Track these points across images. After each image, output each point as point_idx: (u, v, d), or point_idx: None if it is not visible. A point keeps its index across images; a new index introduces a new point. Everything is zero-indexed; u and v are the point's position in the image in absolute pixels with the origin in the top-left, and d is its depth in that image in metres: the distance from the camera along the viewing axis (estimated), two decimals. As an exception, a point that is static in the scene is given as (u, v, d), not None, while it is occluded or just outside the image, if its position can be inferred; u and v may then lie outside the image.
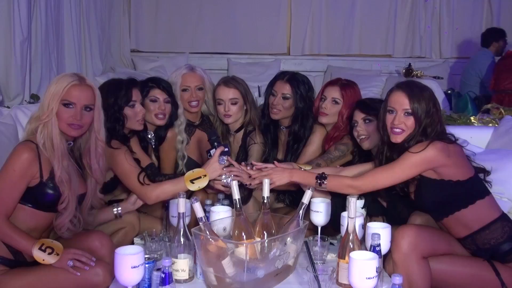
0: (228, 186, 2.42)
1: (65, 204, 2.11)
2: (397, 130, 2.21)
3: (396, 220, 2.33)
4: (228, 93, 2.93)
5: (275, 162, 2.48)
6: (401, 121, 2.20)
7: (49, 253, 2.03)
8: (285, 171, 2.39)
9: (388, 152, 2.29)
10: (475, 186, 2.21)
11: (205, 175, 2.41)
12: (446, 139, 2.18)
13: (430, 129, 2.18)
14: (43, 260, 2.03)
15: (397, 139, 2.22)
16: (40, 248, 2.03)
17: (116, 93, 2.54)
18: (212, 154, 2.48)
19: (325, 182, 2.28)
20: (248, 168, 2.45)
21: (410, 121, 2.19)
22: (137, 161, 2.55)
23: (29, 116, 2.24)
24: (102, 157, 2.27)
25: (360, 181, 2.24)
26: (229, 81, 2.99)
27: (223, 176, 2.45)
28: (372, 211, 2.41)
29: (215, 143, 2.51)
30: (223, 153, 2.45)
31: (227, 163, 2.45)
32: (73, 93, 2.09)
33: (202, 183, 2.40)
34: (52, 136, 2.08)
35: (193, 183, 2.39)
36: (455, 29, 6.70)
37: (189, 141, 2.92)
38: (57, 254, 2.04)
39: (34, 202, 2.10)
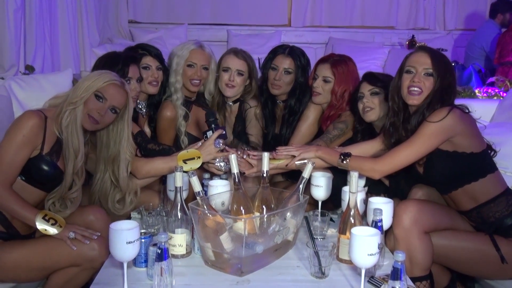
0: (221, 170, 2.43)
1: (76, 194, 2.17)
2: (415, 90, 2.17)
3: (398, 198, 2.29)
4: (237, 63, 2.89)
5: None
6: (421, 80, 2.16)
7: (52, 224, 2.01)
8: (311, 146, 2.42)
9: (402, 121, 2.24)
10: (487, 160, 2.19)
11: (199, 157, 2.38)
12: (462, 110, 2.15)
13: (447, 96, 2.14)
14: (45, 230, 2.01)
15: (414, 100, 2.18)
16: (43, 218, 2.01)
17: (112, 67, 2.48)
18: (208, 136, 2.44)
19: (348, 160, 2.23)
20: (245, 156, 2.43)
21: (429, 81, 2.15)
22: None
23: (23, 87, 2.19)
24: (131, 163, 2.32)
25: (381, 164, 2.17)
26: (240, 52, 2.94)
27: (217, 160, 2.43)
28: (374, 190, 2.37)
29: (213, 125, 2.47)
30: (219, 137, 2.41)
31: (222, 147, 2.41)
32: (109, 90, 2.13)
33: (195, 165, 2.37)
34: (77, 121, 2.09)
35: (185, 163, 2.35)
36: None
37: (189, 116, 2.87)
38: (60, 226, 2.02)
39: (27, 174, 2.06)
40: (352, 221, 1.92)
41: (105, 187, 2.31)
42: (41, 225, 2.00)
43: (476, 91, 3.79)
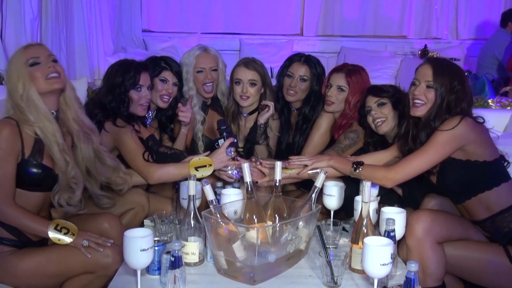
0: (232, 177, 2.45)
1: (74, 172, 2.10)
2: (418, 101, 2.19)
3: (412, 207, 2.28)
4: (248, 74, 2.90)
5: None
6: (422, 92, 2.17)
7: (65, 233, 2.02)
8: (324, 156, 2.44)
9: (414, 130, 2.24)
10: (500, 168, 2.18)
11: (210, 165, 2.39)
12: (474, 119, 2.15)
13: (456, 106, 2.14)
14: (59, 240, 2.01)
15: (417, 112, 2.20)
16: (55, 229, 2.02)
17: (124, 75, 2.52)
18: (220, 144, 2.46)
19: (360, 169, 2.24)
20: (258, 164, 2.44)
21: (431, 94, 2.17)
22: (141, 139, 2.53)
23: None
24: (82, 109, 2.24)
25: (393, 172, 2.18)
26: (250, 62, 2.95)
27: (229, 167, 2.44)
28: (387, 200, 2.36)
29: (224, 133, 2.49)
30: (231, 145, 2.43)
31: (234, 154, 2.42)
32: (32, 51, 2.07)
33: (206, 172, 2.39)
34: (36, 103, 2.02)
35: (197, 170, 2.37)
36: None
37: (206, 120, 2.91)
38: (73, 234, 2.03)
39: (19, 182, 2.03)
40: (365, 231, 1.92)
41: (88, 156, 2.21)
42: (54, 236, 2.01)
43: (490, 101, 3.77)
